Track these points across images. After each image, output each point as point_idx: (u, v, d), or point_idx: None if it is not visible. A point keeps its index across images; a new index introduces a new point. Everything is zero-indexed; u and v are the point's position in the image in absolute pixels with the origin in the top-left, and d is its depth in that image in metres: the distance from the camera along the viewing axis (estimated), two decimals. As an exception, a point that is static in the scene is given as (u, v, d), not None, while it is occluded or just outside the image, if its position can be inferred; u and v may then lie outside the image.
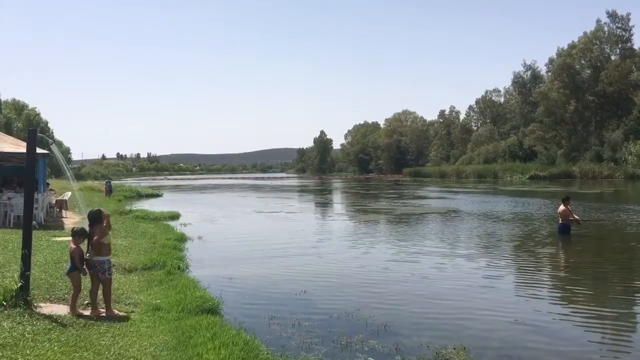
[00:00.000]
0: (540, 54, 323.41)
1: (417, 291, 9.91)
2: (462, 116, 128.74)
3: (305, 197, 45.98)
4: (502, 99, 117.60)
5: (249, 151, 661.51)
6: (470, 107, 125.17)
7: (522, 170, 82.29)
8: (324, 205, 36.50)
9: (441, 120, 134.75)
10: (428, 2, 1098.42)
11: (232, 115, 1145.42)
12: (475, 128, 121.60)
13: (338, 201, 40.76)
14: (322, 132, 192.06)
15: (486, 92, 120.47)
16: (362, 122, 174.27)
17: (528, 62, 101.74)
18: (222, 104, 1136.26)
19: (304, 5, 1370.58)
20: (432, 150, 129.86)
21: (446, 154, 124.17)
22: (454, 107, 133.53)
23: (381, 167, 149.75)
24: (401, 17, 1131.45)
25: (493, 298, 9.39)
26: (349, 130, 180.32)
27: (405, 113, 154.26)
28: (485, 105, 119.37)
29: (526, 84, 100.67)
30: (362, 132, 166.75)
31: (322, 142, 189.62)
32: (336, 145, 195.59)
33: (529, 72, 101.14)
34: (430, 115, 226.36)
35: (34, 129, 7.56)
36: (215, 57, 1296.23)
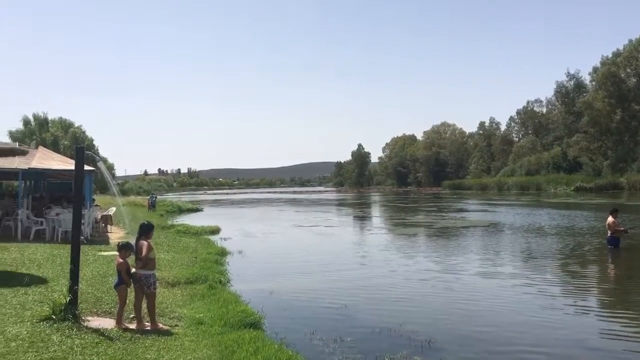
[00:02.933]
0: (584, 62, 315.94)
1: (460, 306, 9.72)
2: (502, 127, 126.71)
3: (343, 211, 45.88)
4: (544, 110, 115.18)
5: (287, 165, 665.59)
6: (511, 118, 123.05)
7: (567, 182, 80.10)
8: (363, 219, 36.34)
9: (481, 131, 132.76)
10: (465, 12, 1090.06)
11: (270, 130, 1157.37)
12: (517, 139, 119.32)
13: (377, 215, 40.52)
14: (359, 146, 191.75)
15: (528, 102, 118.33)
16: (400, 135, 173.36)
17: (571, 72, 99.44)
18: (261, 119, 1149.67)
19: (342, 17, 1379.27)
20: (472, 163, 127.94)
21: (487, 166, 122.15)
22: (494, 119, 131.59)
23: (420, 180, 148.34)
24: (438, 27, 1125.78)
25: (540, 313, 9.11)
26: (386, 143, 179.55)
27: (444, 125, 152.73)
28: (527, 116, 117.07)
29: (569, 94, 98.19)
30: (400, 145, 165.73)
31: (360, 156, 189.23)
32: (374, 158, 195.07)
33: (573, 82, 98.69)
34: (469, 127, 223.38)
35: (81, 146, 7.78)
36: (254, 74, 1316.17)
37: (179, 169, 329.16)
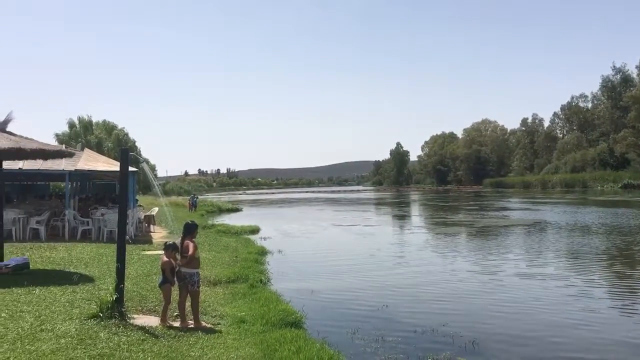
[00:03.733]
0: (631, 56, 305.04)
1: (503, 307, 9.52)
2: (546, 124, 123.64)
3: (382, 210, 45.61)
4: (589, 105, 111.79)
5: (325, 164, 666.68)
6: (555, 114, 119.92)
7: (614, 179, 77.63)
8: (402, 218, 36.05)
9: (523, 128, 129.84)
10: (504, 6, 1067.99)
11: (307, 130, 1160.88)
12: (561, 136, 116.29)
13: (416, 214, 40.14)
14: (398, 144, 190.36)
15: (572, 97, 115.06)
16: (439, 133, 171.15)
17: (618, 65, 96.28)
18: (298, 119, 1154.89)
19: (381, 16, 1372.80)
20: (515, 160, 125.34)
21: (530, 163, 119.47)
22: (537, 115, 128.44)
23: (460, 178, 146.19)
24: (478, 23, 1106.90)
25: (585, 315, 8.84)
26: (425, 142, 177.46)
27: (485, 122, 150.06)
28: (572, 112, 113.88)
29: (616, 88, 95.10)
30: (440, 143, 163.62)
31: (399, 154, 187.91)
32: (413, 157, 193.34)
33: (619, 76, 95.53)
34: (511, 123, 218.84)
35: (126, 148, 7.96)
36: (290, 74, 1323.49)
37: (218, 170, 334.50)
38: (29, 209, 19.17)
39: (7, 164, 12.54)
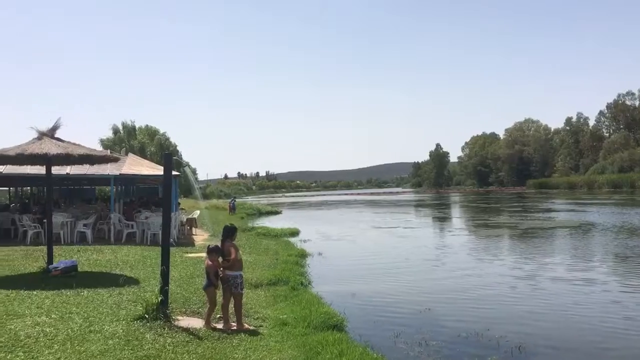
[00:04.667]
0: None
1: (549, 311, 9.28)
2: (591, 122, 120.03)
3: (423, 212, 45.14)
4: (637, 102, 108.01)
5: (364, 167, 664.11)
6: (601, 113, 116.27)
7: (664, 179, 74.76)
8: (443, 220, 35.59)
9: (568, 127, 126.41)
10: (551, 3, 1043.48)
11: (346, 131, 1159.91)
12: (608, 135, 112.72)
13: (457, 215, 39.57)
14: (437, 145, 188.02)
15: (618, 95, 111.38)
16: (479, 134, 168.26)
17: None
18: (337, 121, 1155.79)
19: (422, 16, 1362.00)
20: (559, 160, 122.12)
21: (575, 163, 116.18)
22: (582, 114, 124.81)
23: (502, 179, 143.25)
24: (520, 21, 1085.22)
25: (636, 323, 8.51)
26: (466, 142, 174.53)
27: (528, 122, 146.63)
28: (618, 110, 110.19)
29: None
30: (481, 144, 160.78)
31: (438, 155, 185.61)
32: (453, 158, 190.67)
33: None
34: (555, 123, 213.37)
35: (169, 152, 8.10)
36: (328, 76, 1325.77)
37: (257, 173, 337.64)
38: (76, 212, 19.75)
39: (55, 169, 12.93)
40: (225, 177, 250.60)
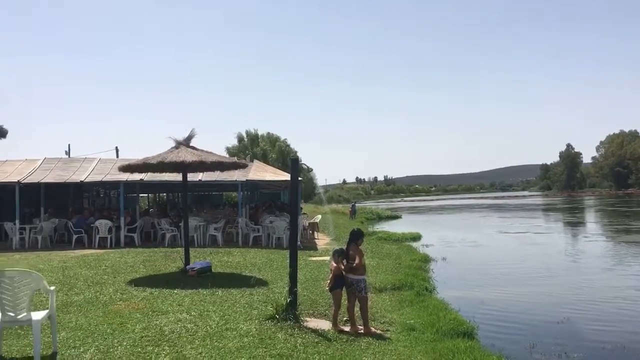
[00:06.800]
0: None
1: None
2: None
3: (553, 217, 42.45)
4: None
5: (486, 169, 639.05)
6: None
7: None
8: (576, 225, 33.20)
9: None
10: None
11: (465, 134, 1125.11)
12: None
13: (592, 220, 36.73)
14: (568, 145, 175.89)
15: None
16: (617, 132, 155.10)
17: None
18: (455, 123, 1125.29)
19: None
20: None
21: None
22: None
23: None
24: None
25: None
26: (601, 142, 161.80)
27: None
28: None
29: None
30: (618, 143, 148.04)
31: (570, 156, 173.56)
32: (586, 159, 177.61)
33: None
34: None
35: (296, 158, 8.31)
36: (446, 78, 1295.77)
37: (375, 177, 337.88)
38: (207, 217, 20.95)
39: (189, 176, 13.79)
40: (344, 182, 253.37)
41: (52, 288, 5.80)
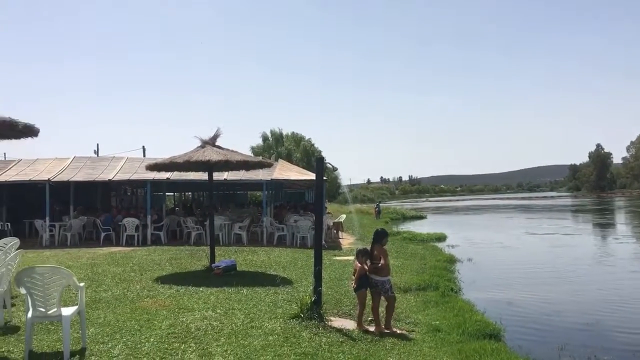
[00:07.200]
0: None
1: None
2: None
3: (582, 218, 41.65)
4: None
5: (512, 170, 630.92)
6: None
7: None
8: (606, 226, 32.52)
9: None
10: None
11: (492, 133, 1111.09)
12: None
13: (622, 222, 35.94)
14: (598, 145, 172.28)
15: None
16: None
17: None
18: (482, 123, 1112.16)
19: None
20: None
21: None
22: None
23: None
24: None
25: None
26: (632, 142, 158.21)
27: None
28: None
29: None
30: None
31: (599, 156, 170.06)
32: (617, 159, 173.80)
33: None
34: None
35: (321, 157, 8.30)
36: (470, 79, 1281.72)
37: (400, 177, 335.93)
38: (232, 216, 21.08)
39: (214, 175, 13.88)
40: (368, 181, 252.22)
41: (82, 284, 5.90)
